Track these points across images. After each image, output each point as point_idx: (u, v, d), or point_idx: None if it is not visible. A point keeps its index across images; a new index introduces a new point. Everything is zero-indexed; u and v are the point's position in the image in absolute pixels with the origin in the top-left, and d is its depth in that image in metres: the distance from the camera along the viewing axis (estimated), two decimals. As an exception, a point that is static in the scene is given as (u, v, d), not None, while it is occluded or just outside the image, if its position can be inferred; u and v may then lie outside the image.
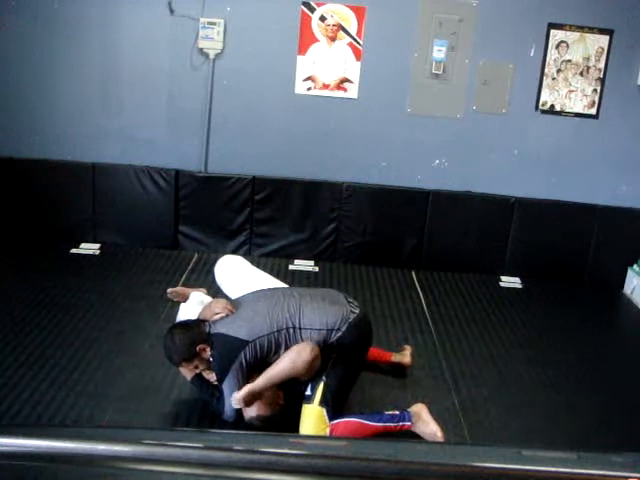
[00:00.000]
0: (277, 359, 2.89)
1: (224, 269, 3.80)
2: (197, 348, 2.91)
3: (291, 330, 2.91)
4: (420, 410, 2.97)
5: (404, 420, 2.92)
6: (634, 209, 5.05)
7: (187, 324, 3.06)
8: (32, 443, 1.00)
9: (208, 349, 2.92)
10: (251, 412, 2.87)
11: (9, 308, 3.90)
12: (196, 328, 2.99)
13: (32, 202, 5.00)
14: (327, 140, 5.03)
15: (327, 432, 2.83)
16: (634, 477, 1.00)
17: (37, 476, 0.99)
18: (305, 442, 1.38)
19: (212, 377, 2.97)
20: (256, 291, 3.20)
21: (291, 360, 2.84)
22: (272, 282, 3.59)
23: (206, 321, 3.01)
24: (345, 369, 2.98)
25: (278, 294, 3.08)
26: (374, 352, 3.46)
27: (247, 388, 2.85)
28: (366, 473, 0.99)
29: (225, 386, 2.88)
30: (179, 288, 3.90)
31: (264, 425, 2.86)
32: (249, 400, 2.85)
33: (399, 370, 3.54)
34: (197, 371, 2.98)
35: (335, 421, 2.85)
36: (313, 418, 2.85)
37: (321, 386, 2.89)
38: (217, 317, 2.98)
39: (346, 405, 3.05)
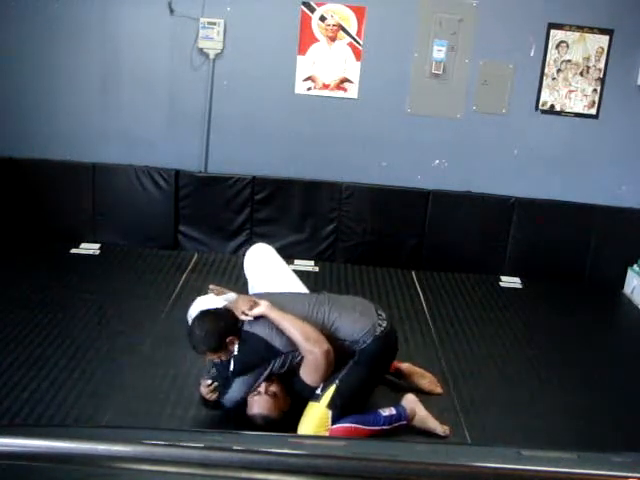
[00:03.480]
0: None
1: (255, 257, 3.72)
2: (227, 339, 2.86)
3: None
4: (414, 405, 2.99)
5: (400, 419, 2.93)
6: (634, 209, 5.05)
7: (219, 313, 2.96)
8: (32, 443, 1.00)
9: (236, 341, 2.88)
10: (262, 410, 2.85)
11: (9, 308, 3.90)
12: (228, 319, 2.91)
13: (32, 202, 4.99)
14: (327, 140, 5.03)
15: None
16: (634, 477, 1.00)
17: (38, 476, 0.99)
18: (305, 442, 1.38)
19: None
20: (293, 297, 3.17)
21: (310, 338, 2.83)
22: (296, 282, 3.56)
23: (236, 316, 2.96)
24: (361, 377, 2.95)
25: (312, 305, 3.04)
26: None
27: (262, 307, 2.88)
28: (366, 473, 0.99)
29: (240, 380, 2.85)
30: (220, 288, 3.79)
31: (264, 426, 2.84)
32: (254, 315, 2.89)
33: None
34: (217, 359, 2.91)
35: (334, 426, 2.82)
36: (316, 418, 2.83)
37: (332, 388, 2.86)
38: (244, 318, 2.92)
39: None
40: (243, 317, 2.91)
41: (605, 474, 1.00)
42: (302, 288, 3.52)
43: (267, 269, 3.62)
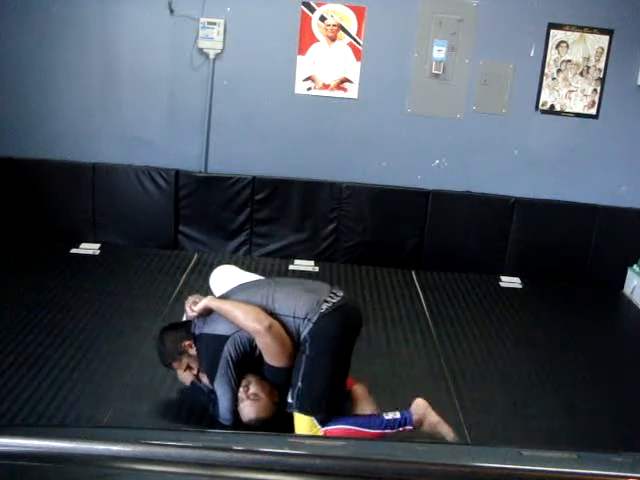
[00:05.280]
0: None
1: (218, 279, 3.70)
2: (182, 345, 2.94)
3: None
4: (424, 411, 2.79)
5: (405, 424, 2.76)
6: (634, 209, 5.05)
7: (173, 325, 3.12)
8: (32, 443, 1.00)
9: (193, 345, 2.93)
10: (250, 415, 2.85)
11: (9, 308, 3.90)
12: (182, 327, 3.03)
13: (32, 202, 4.99)
14: (327, 140, 5.03)
15: None
16: (634, 477, 1.00)
17: (37, 476, 0.99)
18: (305, 442, 1.38)
19: (206, 380, 2.97)
20: (237, 285, 3.12)
21: (249, 317, 2.77)
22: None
23: (192, 322, 3.01)
24: (322, 367, 2.76)
25: (256, 285, 3.03)
26: None
27: (203, 301, 2.88)
28: (366, 473, 0.99)
29: (217, 386, 2.86)
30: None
31: (260, 427, 2.83)
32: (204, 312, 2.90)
33: (398, 371, 3.54)
34: (193, 372, 2.97)
35: (330, 427, 2.73)
36: (303, 426, 2.75)
37: (297, 393, 2.73)
38: (192, 315, 2.95)
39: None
40: (191, 313, 2.95)
41: (605, 474, 1.00)
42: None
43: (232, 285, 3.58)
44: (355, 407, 2.90)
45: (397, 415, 2.78)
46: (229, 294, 3.03)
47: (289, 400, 2.76)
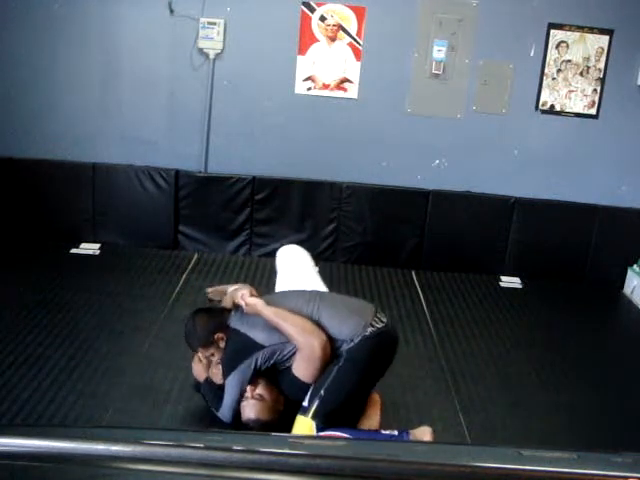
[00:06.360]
0: (291, 365, 2.82)
1: (287, 258, 3.71)
2: (215, 336, 2.92)
3: None
4: (423, 436, 2.76)
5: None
6: (634, 209, 5.05)
7: (210, 310, 3.07)
8: (32, 443, 1.00)
9: (225, 338, 2.91)
10: (250, 414, 2.84)
11: (9, 308, 3.90)
12: (218, 316, 2.99)
13: (32, 202, 4.99)
14: (327, 140, 5.03)
15: None
16: (634, 477, 1.00)
17: (37, 476, 0.99)
18: (305, 442, 1.38)
19: (218, 374, 2.96)
20: (284, 293, 3.14)
21: (305, 331, 2.76)
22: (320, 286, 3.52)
23: (230, 310, 2.99)
24: (349, 383, 2.79)
25: (302, 300, 2.97)
26: None
27: (258, 301, 2.85)
28: (366, 473, 0.99)
29: (229, 381, 2.84)
30: (219, 287, 3.74)
31: (258, 429, 2.81)
32: (251, 309, 2.86)
33: (398, 371, 3.54)
34: (214, 359, 2.93)
35: (323, 433, 2.68)
36: (301, 431, 2.72)
37: (318, 399, 2.74)
38: (239, 302, 2.91)
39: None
40: (240, 301, 2.91)
41: (605, 474, 1.00)
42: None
43: (296, 270, 3.60)
44: (363, 414, 2.93)
45: (395, 432, 2.75)
46: (275, 302, 2.95)
47: (304, 404, 2.75)
